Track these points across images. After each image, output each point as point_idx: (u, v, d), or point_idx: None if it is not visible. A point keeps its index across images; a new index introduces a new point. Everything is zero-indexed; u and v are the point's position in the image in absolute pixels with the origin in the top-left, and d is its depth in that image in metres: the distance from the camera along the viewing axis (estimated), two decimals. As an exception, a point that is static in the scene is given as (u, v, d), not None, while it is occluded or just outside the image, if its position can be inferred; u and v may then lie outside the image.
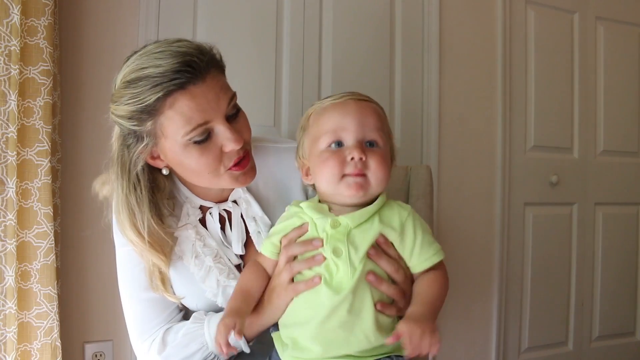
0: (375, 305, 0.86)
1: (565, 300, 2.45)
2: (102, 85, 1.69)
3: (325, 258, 0.88)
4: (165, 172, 1.00)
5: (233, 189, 1.08)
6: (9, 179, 1.46)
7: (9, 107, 1.46)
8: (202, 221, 1.07)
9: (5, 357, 1.46)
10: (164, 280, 1.02)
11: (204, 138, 0.93)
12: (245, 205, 1.08)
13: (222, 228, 1.07)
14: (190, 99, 0.90)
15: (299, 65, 1.95)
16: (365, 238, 0.88)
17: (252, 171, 1.01)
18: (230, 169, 0.97)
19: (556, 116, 2.42)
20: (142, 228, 0.97)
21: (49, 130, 1.50)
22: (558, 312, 2.43)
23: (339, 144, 0.89)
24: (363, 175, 0.88)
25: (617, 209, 2.56)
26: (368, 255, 0.88)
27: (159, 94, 0.89)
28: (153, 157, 0.99)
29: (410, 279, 0.92)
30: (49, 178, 1.50)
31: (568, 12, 2.44)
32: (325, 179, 0.90)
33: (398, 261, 0.90)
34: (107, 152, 1.03)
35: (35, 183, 1.49)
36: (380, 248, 0.89)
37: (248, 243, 1.08)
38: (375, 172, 0.88)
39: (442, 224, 2.19)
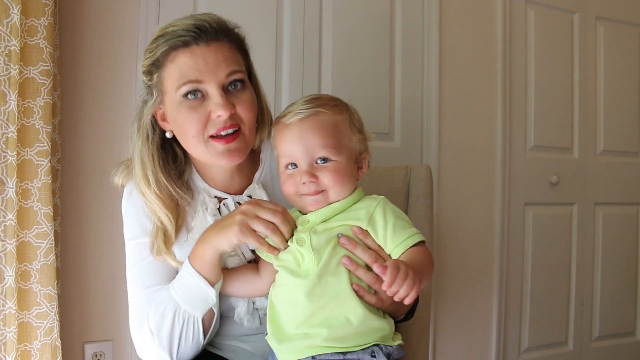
0: (352, 287, 0.88)
1: (565, 300, 2.45)
2: (102, 85, 1.69)
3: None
4: (168, 135, 1.04)
5: (245, 182, 1.09)
6: (9, 179, 1.46)
7: (9, 107, 1.46)
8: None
9: (5, 357, 1.46)
10: (167, 243, 1.02)
11: (196, 97, 0.96)
12: None
13: None
14: (189, 57, 0.96)
15: (299, 65, 1.95)
16: (327, 227, 0.91)
17: (238, 152, 1.00)
18: (212, 138, 0.98)
19: (556, 116, 2.42)
20: (152, 178, 1.01)
21: (49, 130, 1.50)
22: (558, 312, 2.43)
23: (295, 164, 0.93)
24: (320, 191, 0.92)
25: (617, 209, 2.56)
26: (340, 244, 0.90)
27: (164, 48, 0.97)
28: (163, 119, 1.03)
29: None
30: (49, 178, 1.50)
31: (568, 12, 2.44)
32: (288, 197, 0.96)
33: (378, 251, 0.91)
34: (106, 153, 1.04)
35: (35, 183, 1.49)
36: (358, 238, 0.91)
37: None
38: (331, 186, 0.92)
39: (442, 224, 2.19)
